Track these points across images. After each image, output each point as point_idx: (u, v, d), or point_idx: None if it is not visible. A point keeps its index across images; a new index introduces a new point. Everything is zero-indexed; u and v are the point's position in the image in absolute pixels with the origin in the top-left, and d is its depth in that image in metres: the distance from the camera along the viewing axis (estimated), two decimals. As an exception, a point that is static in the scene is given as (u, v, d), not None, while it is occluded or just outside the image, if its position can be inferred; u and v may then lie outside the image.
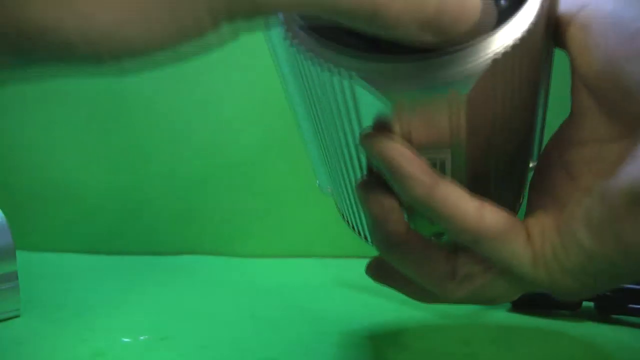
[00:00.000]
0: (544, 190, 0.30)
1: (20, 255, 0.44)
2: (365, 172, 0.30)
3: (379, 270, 0.33)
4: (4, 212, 0.44)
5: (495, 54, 0.25)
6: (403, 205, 0.29)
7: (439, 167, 0.28)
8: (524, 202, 0.36)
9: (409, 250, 0.29)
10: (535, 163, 0.35)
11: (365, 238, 0.36)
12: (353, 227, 0.36)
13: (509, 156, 0.31)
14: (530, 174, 0.33)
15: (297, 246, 0.59)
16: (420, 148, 0.27)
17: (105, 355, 0.38)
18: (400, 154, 0.26)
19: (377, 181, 0.28)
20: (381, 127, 0.26)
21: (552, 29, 0.29)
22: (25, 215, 0.59)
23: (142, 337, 0.40)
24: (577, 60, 0.28)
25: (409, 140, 0.27)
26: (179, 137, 0.59)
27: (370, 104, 0.26)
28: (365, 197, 0.28)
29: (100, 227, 0.60)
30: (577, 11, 0.28)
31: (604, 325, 0.43)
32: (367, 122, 0.27)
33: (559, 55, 0.30)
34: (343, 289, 0.50)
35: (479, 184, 0.29)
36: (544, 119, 0.34)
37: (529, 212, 0.30)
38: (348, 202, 0.34)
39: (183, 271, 0.55)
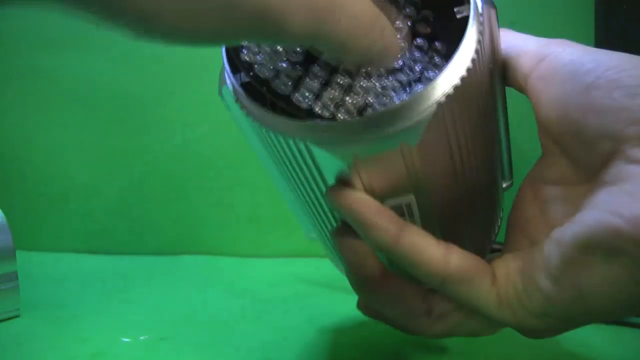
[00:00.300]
0: (518, 227, 0.31)
1: (20, 255, 0.44)
2: (338, 222, 0.30)
3: (367, 307, 0.35)
4: (4, 212, 0.44)
5: (438, 99, 0.25)
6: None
7: (407, 212, 0.29)
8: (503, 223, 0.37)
9: (386, 291, 0.29)
10: (509, 183, 0.36)
11: None
12: (341, 269, 0.37)
13: (477, 190, 0.32)
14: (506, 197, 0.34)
15: (297, 246, 0.59)
16: (384, 196, 0.27)
17: (105, 355, 0.38)
18: (364, 206, 0.27)
19: (350, 229, 0.28)
20: (343, 181, 0.27)
21: (499, 63, 0.30)
22: (25, 215, 0.59)
23: (142, 337, 0.40)
24: (538, 110, 0.29)
25: (371, 190, 0.27)
26: (179, 137, 0.59)
27: (328, 163, 0.26)
28: (340, 244, 0.29)
29: (100, 227, 0.60)
30: (537, 62, 0.28)
31: (604, 325, 0.43)
32: (330, 177, 0.27)
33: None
34: (343, 289, 0.50)
35: (451, 222, 0.30)
36: (508, 142, 0.35)
37: (505, 250, 0.31)
38: (329, 248, 0.35)
39: (183, 271, 0.55)
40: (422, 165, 0.26)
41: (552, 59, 0.28)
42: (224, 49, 0.28)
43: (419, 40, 0.28)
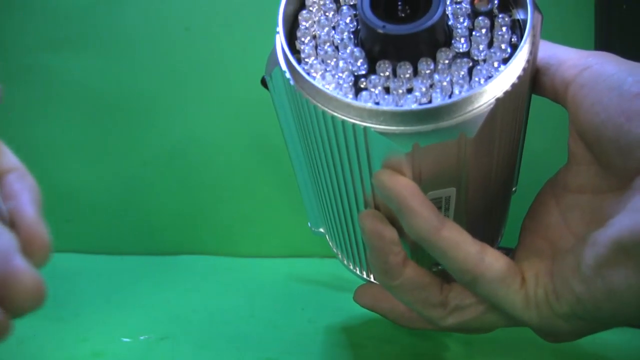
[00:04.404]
0: (537, 232, 0.32)
1: (20, 255, 0.44)
2: (368, 207, 0.31)
3: (365, 298, 0.36)
4: (4, 212, 0.44)
5: (497, 95, 0.26)
6: (403, 237, 0.30)
7: (444, 205, 0.30)
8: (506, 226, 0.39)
9: (406, 279, 0.30)
10: (514, 188, 0.37)
11: (362, 274, 0.37)
12: (348, 263, 0.38)
13: (501, 192, 0.33)
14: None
15: (297, 246, 0.59)
16: (428, 187, 0.28)
17: (105, 355, 0.38)
18: (413, 192, 0.28)
19: (379, 215, 0.30)
20: (391, 168, 0.28)
21: (534, 70, 0.31)
22: (25, 215, 0.59)
23: (142, 337, 0.40)
24: (577, 115, 0.29)
25: (418, 180, 0.28)
26: (179, 138, 0.59)
27: (384, 149, 0.27)
28: (368, 228, 0.29)
29: (99, 227, 0.60)
30: (581, 70, 0.29)
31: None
32: (377, 163, 0.28)
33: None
34: (343, 289, 0.50)
35: (474, 220, 0.31)
36: (522, 151, 0.36)
37: (522, 253, 0.32)
38: (345, 240, 0.36)
39: (183, 271, 0.55)
40: (471, 158, 0.27)
41: (597, 68, 0.29)
42: (281, 31, 0.29)
43: (480, 19, 0.29)
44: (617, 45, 0.48)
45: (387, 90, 0.28)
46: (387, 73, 0.28)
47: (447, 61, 0.28)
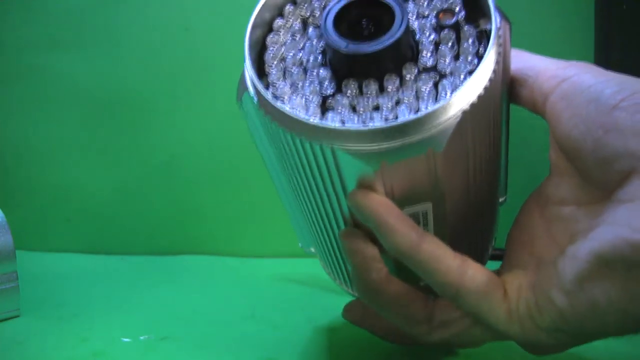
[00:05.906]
0: (522, 244, 0.31)
1: (20, 255, 0.44)
2: (347, 225, 0.31)
3: (353, 314, 0.35)
4: (4, 212, 0.44)
5: (463, 108, 0.26)
6: (384, 254, 0.29)
7: (422, 219, 0.29)
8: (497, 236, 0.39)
9: (389, 296, 0.30)
10: (503, 198, 0.37)
11: (354, 292, 0.37)
12: (339, 282, 0.38)
13: (484, 201, 0.33)
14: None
15: (297, 246, 0.59)
16: (403, 203, 0.28)
17: (105, 355, 0.38)
18: (388, 209, 0.27)
19: (359, 232, 0.29)
20: (364, 186, 0.27)
21: (508, 79, 0.31)
22: (25, 215, 0.59)
23: (142, 337, 0.40)
24: (556, 128, 0.29)
25: (392, 197, 0.28)
26: (179, 137, 0.59)
27: (354, 168, 0.27)
28: (348, 247, 0.29)
29: (100, 227, 0.60)
30: (559, 82, 0.29)
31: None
32: (351, 182, 0.28)
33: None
34: (342, 290, 0.50)
35: (458, 232, 0.31)
36: (506, 158, 0.36)
37: (507, 266, 0.31)
38: (331, 258, 0.36)
39: (183, 271, 0.55)
40: (444, 172, 0.27)
41: (575, 79, 0.28)
42: (247, 57, 0.29)
43: (446, 32, 0.29)
44: (617, 45, 0.48)
45: (354, 109, 0.28)
46: (353, 92, 0.28)
47: (412, 76, 0.28)
